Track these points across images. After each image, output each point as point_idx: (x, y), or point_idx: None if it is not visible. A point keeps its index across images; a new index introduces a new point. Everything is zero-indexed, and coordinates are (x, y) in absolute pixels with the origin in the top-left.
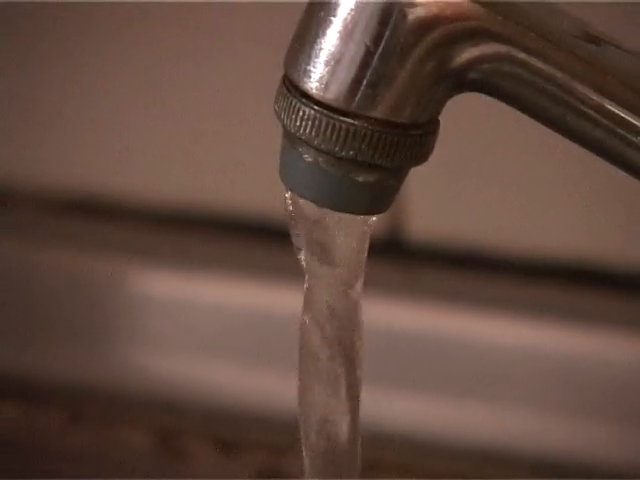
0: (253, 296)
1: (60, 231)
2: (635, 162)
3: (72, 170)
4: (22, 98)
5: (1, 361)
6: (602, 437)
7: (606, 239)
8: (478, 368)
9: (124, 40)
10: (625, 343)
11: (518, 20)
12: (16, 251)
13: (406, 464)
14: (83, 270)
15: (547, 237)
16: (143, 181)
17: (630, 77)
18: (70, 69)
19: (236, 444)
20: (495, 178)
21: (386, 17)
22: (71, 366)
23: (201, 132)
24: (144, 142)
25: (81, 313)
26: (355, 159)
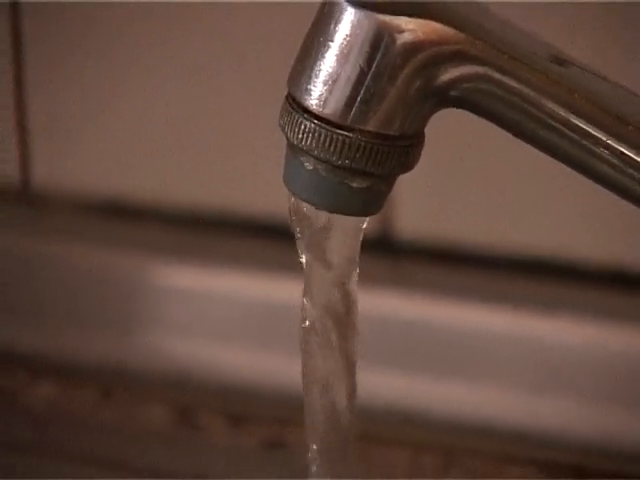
0: (260, 287)
1: (92, 231)
2: (597, 170)
3: (101, 176)
4: (57, 108)
5: (41, 345)
6: (569, 411)
7: (578, 235)
8: (458, 350)
9: (146, 44)
10: (588, 330)
11: (494, 44)
12: (54, 248)
13: (394, 435)
14: (112, 265)
15: (522, 234)
16: (164, 185)
17: (593, 95)
18: (103, 78)
19: (244, 417)
20: (476, 183)
21: (378, 42)
22: (102, 349)
23: (216, 141)
24: (165, 149)
25: (111, 303)
26: (350, 167)
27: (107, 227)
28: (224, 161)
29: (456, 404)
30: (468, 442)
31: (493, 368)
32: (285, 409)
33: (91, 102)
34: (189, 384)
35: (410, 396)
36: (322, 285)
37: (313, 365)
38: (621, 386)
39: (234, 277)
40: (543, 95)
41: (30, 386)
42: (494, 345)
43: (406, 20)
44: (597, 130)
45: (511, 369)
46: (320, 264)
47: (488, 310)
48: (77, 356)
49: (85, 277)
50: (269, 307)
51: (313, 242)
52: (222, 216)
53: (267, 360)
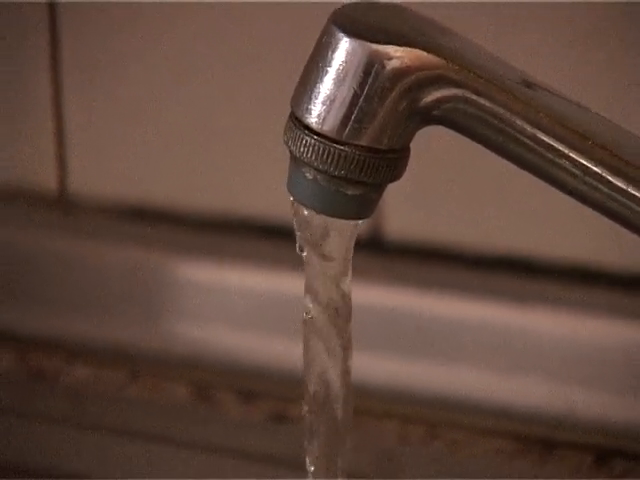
0: (267, 281)
1: (120, 232)
2: (561, 179)
3: (128, 183)
4: (89, 123)
5: (78, 332)
6: (537, 389)
7: (543, 235)
8: (440, 336)
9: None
10: (553, 318)
11: (470, 69)
12: (87, 248)
13: (383, 409)
14: (138, 262)
15: (495, 235)
16: (182, 191)
17: (557, 114)
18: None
19: (253, 394)
20: (455, 191)
21: (369, 68)
22: (130, 336)
23: (229, 153)
24: (184, 160)
25: (137, 295)
26: (345, 177)
27: (133, 229)
28: (236, 171)
29: (438, 383)
30: (449, 416)
31: (470, 352)
32: (289, 387)
33: (119, 117)
34: (205, 365)
35: (398, 376)
36: (320, 279)
37: (313, 349)
38: (582, 366)
39: (244, 272)
40: (513, 114)
41: (69, 368)
42: (471, 332)
43: (394, 48)
44: (560, 144)
45: (486, 352)
46: (319, 261)
47: (466, 301)
48: (108, 341)
49: (114, 273)
50: (275, 298)
51: (313, 242)
52: (234, 218)
53: (273, 344)
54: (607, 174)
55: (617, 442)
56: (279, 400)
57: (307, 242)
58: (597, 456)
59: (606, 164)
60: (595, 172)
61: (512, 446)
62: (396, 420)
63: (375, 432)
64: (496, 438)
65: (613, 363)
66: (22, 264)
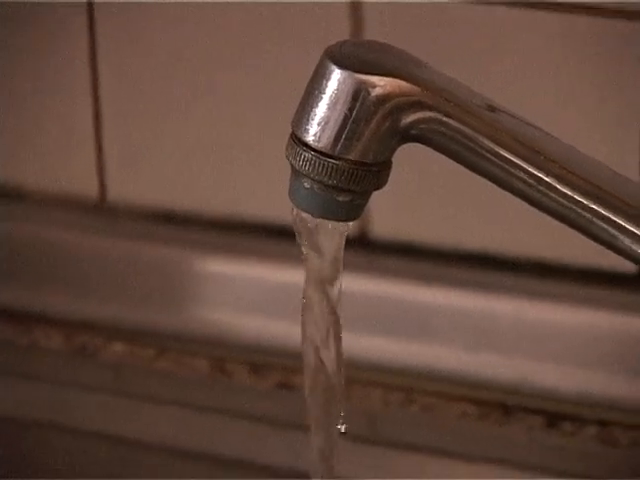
0: (273, 273)
1: (152, 233)
2: (518, 188)
3: (159, 191)
4: (126, 137)
5: (114, 316)
6: (496, 362)
7: (506, 233)
8: (417, 319)
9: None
10: (511, 304)
11: (442, 95)
12: (125, 247)
13: (368, 378)
14: (167, 258)
15: (464, 233)
16: (203, 198)
17: (515, 133)
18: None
19: (262, 367)
20: (430, 197)
21: (357, 94)
22: (158, 318)
23: (244, 167)
24: (206, 172)
25: (167, 285)
26: (337, 186)
27: (161, 230)
28: (247, 181)
29: (415, 357)
30: (423, 385)
31: (442, 332)
32: (292, 360)
33: (150, 134)
34: (221, 343)
35: (381, 351)
36: (316, 271)
37: (309, 329)
38: (535, 344)
39: (253, 265)
40: (478, 133)
41: (107, 345)
42: (443, 316)
43: (378, 78)
44: (517, 159)
45: (455, 333)
46: (315, 256)
47: (439, 291)
48: (140, 323)
49: (146, 267)
50: (278, 287)
51: (310, 240)
52: (245, 220)
53: (278, 325)
54: (556, 184)
55: (565, 407)
56: (283, 371)
57: (305, 240)
58: (548, 419)
59: (555, 175)
60: (546, 182)
61: (476, 410)
62: (380, 388)
63: (363, 397)
64: (463, 403)
65: (561, 340)
66: (68, 260)
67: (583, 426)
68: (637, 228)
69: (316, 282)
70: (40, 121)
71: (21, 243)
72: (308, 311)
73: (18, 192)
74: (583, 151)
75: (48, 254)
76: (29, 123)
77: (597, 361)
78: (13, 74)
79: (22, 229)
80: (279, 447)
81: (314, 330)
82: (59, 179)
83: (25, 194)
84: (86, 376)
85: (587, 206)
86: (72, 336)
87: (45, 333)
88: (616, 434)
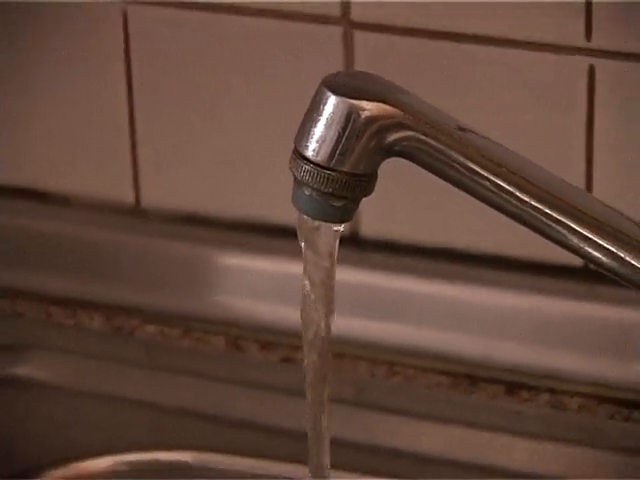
0: (279, 265)
1: (180, 233)
2: (483, 195)
3: (186, 196)
4: (158, 148)
5: (148, 302)
6: (465, 340)
7: (475, 232)
8: (400, 304)
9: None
10: (479, 293)
11: (420, 117)
12: (156, 246)
13: (356, 353)
14: (193, 254)
15: (442, 232)
16: (222, 202)
17: (481, 149)
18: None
19: (270, 343)
20: (414, 200)
21: (349, 117)
22: (185, 303)
23: (256, 176)
24: (226, 179)
25: (191, 276)
26: (332, 193)
27: (187, 230)
28: (259, 188)
29: (397, 336)
30: (404, 359)
31: (420, 315)
32: (294, 339)
33: (178, 147)
34: (236, 324)
35: (368, 331)
36: (314, 266)
37: (308, 313)
38: (497, 325)
39: (264, 259)
40: (450, 149)
41: (141, 326)
42: (421, 302)
43: (366, 103)
44: (483, 170)
45: (430, 316)
46: (313, 253)
47: (417, 280)
48: (169, 308)
49: (175, 261)
50: (284, 277)
51: (310, 239)
52: (256, 221)
53: (282, 309)
54: (515, 191)
55: (521, 378)
56: (287, 348)
57: (305, 239)
58: (507, 388)
59: (515, 184)
60: (507, 190)
61: (448, 380)
62: (366, 362)
63: (351, 369)
64: (436, 374)
65: (518, 323)
66: (108, 256)
67: (537, 394)
68: (583, 229)
69: (314, 274)
70: (82, 136)
71: (68, 242)
72: (307, 298)
73: (64, 198)
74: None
75: (91, 251)
76: (72, 137)
77: (549, 340)
78: (55, 89)
79: (69, 230)
80: (283, 411)
81: (312, 314)
82: (100, 187)
83: (70, 200)
84: (123, 352)
85: (542, 210)
86: (111, 318)
87: (88, 316)
88: (564, 400)
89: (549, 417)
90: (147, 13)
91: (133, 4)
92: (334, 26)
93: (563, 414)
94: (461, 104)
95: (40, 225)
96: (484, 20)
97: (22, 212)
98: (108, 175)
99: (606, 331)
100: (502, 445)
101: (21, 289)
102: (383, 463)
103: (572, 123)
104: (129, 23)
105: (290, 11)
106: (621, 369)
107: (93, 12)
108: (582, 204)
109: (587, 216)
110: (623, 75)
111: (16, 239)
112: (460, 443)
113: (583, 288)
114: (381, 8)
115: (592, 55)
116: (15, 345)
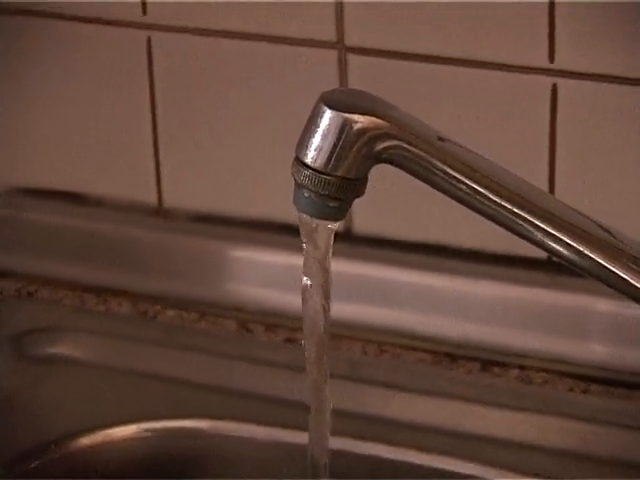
0: (283, 257)
1: (199, 231)
2: (462, 198)
3: (204, 197)
4: (179, 153)
5: (167, 289)
6: (443, 323)
7: (453, 230)
8: (387, 293)
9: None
10: (456, 282)
11: (405, 129)
12: (178, 243)
13: (350, 334)
14: (208, 248)
15: (425, 228)
16: (234, 203)
17: (458, 156)
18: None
19: (275, 325)
20: (400, 201)
21: (343, 128)
22: (201, 291)
23: (262, 179)
24: (240, 182)
25: (207, 267)
26: (328, 195)
27: (204, 227)
28: (265, 192)
29: (386, 319)
30: (392, 339)
31: (405, 301)
32: (295, 322)
33: (196, 155)
34: (246, 309)
35: (361, 315)
36: (312, 259)
37: (307, 299)
38: (473, 309)
39: (269, 253)
40: (432, 157)
41: (162, 311)
42: (406, 289)
43: (358, 116)
44: (459, 175)
45: (415, 302)
46: (312, 247)
47: (403, 271)
48: (188, 295)
49: (192, 255)
50: (287, 268)
51: (309, 235)
52: (263, 220)
53: (286, 296)
54: (488, 193)
55: (494, 356)
56: (290, 330)
57: (305, 235)
58: (482, 364)
59: (487, 187)
60: (481, 192)
61: (430, 358)
62: (359, 341)
63: (346, 348)
64: (420, 353)
65: (490, 308)
66: (134, 250)
67: (507, 370)
68: (547, 226)
69: (313, 265)
70: (113, 148)
71: (100, 238)
72: (307, 287)
73: (98, 200)
74: (508, 168)
75: (120, 246)
76: (105, 148)
77: (517, 323)
78: (90, 107)
79: (101, 228)
80: (285, 384)
81: (311, 300)
82: (128, 191)
83: (103, 202)
84: (146, 334)
85: (510, 210)
86: (137, 304)
87: (117, 302)
88: (531, 375)
89: (518, 390)
90: (169, 38)
91: (156, 30)
92: (330, 50)
93: (530, 387)
94: (441, 117)
95: (76, 223)
96: (457, 44)
97: (61, 212)
98: (135, 180)
99: (567, 315)
100: (477, 414)
101: (59, 279)
102: (374, 429)
103: (537, 136)
104: (152, 47)
105: (292, 37)
106: (579, 348)
107: (120, 35)
108: (546, 205)
109: (550, 215)
110: (583, 93)
111: (55, 235)
112: (441, 412)
113: (547, 278)
114: (371, 35)
115: (555, 75)
116: (54, 328)
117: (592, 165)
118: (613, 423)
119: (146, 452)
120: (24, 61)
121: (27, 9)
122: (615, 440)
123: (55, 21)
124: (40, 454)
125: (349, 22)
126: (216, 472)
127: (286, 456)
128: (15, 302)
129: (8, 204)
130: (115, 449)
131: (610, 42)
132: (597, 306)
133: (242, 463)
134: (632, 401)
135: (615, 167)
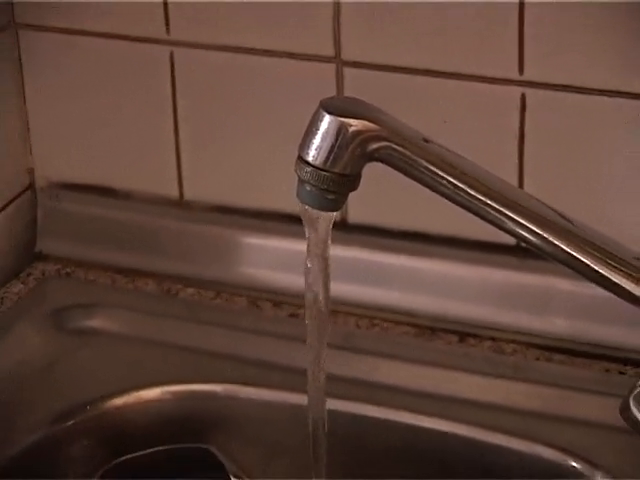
0: (288, 244)
1: (218, 222)
2: (447, 194)
3: (221, 192)
4: (199, 150)
5: (188, 270)
6: (426, 300)
7: (438, 220)
8: (380, 275)
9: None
10: (438, 267)
11: (394, 131)
12: (197, 231)
13: (347, 311)
14: (224, 235)
15: (413, 217)
16: (248, 196)
17: (441, 156)
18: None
19: (280, 302)
20: (391, 195)
21: (340, 131)
22: (217, 271)
23: (270, 174)
24: (251, 178)
25: (222, 252)
26: (327, 189)
27: (221, 218)
28: (273, 186)
29: (376, 297)
30: (382, 314)
31: (393, 282)
32: (299, 299)
33: (213, 152)
34: (256, 288)
35: (355, 294)
36: (314, 244)
37: (309, 280)
38: (453, 286)
39: (277, 239)
40: (417, 156)
41: (183, 289)
42: (394, 271)
43: (353, 120)
44: (442, 172)
45: (401, 280)
46: (313, 234)
47: (392, 255)
48: (205, 276)
49: (210, 241)
50: (292, 253)
51: (310, 224)
52: (272, 211)
53: (291, 277)
54: (467, 188)
55: (470, 329)
56: (294, 306)
57: (307, 224)
58: (460, 337)
59: (466, 183)
60: (462, 188)
61: (414, 330)
62: (353, 316)
63: (342, 323)
64: (406, 326)
65: (466, 287)
66: (158, 238)
67: (481, 341)
68: (517, 216)
69: (314, 250)
70: (140, 148)
71: (128, 226)
72: (309, 269)
73: (127, 193)
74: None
75: (146, 233)
76: (133, 149)
77: (490, 301)
78: (121, 113)
79: (130, 217)
80: (289, 354)
81: (312, 280)
82: (153, 185)
83: (130, 195)
84: (169, 309)
85: (485, 202)
86: (161, 284)
87: (144, 282)
88: (502, 346)
89: (490, 359)
90: (189, 53)
91: (178, 46)
92: (329, 64)
93: (501, 356)
94: (424, 122)
95: (107, 213)
96: (437, 59)
97: (94, 204)
98: (159, 176)
99: (533, 294)
100: (455, 379)
101: (93, 262)
102: (366, 393)
103: (508, 139)
104: (175, 61)
105: (296, 52)
106: (545, 323)
107: (146, 50)
108: (516, 197)
109: (520, 206)
110: (549, 102)
111: (90, 224)
112: (423, 378)
113: (516, 261)
114: (365, 51)
115: (524, 85)
116: (88, 304)
117: (556, 165)
118: (574, 388)
119: (168, 412)
120: (63, 75)
121: (69, 27)
122: (575, 403)
123: (91, 38)
124: (76, 414)
125: (345, 40)
126: (229, 429)
127: (290, 415)
128: (55, 282)
129: (48, 197)
130: (141, 409)
131: (575, 55)
132: (560, 286)
133: (251, 421)
134: (590, 369)
135: (576, 167)
